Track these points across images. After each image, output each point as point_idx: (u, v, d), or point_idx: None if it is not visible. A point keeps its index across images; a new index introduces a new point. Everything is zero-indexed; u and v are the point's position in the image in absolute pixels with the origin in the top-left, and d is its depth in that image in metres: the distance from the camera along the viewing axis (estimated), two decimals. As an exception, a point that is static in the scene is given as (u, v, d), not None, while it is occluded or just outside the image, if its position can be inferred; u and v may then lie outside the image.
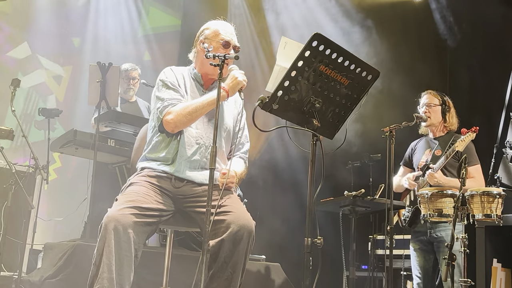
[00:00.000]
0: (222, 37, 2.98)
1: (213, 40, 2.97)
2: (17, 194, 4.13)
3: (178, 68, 3.06)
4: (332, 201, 4.44)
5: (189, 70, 3.07)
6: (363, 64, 2.66)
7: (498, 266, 4.49)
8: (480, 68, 6.22)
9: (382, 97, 6.09)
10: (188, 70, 3.07)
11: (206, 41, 2.97)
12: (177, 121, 2.82)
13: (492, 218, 3.50)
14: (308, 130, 2.59)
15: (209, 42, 2.96)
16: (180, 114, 2.81)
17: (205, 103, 2.83)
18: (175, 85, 2.93)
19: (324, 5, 7.39)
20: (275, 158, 7.89)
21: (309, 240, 2.48)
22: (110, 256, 2.51)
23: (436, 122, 4.17)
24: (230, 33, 3.02)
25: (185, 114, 2.81)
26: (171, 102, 2.86)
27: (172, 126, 2.84)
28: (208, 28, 3.04)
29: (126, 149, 4.94)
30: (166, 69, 3.01)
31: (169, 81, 2.93)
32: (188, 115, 2.82)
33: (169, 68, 3.02)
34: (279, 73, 3.38)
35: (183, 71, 3.04)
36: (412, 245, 4.09)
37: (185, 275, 3.93)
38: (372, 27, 7.05)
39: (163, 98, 2.88)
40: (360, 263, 6.36)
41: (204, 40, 2.99)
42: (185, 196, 2.84)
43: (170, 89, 2.91)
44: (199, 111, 2.83)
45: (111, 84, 4.88)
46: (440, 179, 3.88)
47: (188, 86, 2.99)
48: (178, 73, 3.00)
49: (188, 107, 2.83)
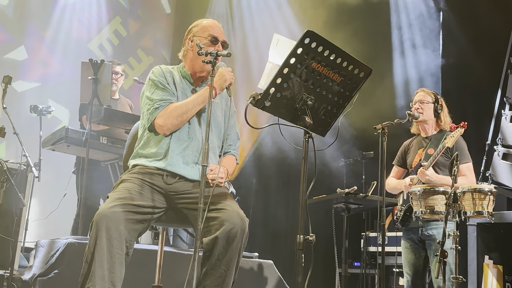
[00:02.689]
0: (210, 32, 3.00)
1: (202, 36, 2.99)
2: (8, 191, 4.11)
3: (167, 66, 3.06)
4: (325, 198, 4.45)
5: (178, 69, 3.07)
6: (355, 62, 2.66)
7: (489, 263, 4.52)
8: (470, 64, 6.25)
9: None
10: (178, 69, 3.07)
11: (195, 38, 2.99)
12: (168, 124, 2.84)
13: (483, 215, 3.52)
14: (301, 127, 2.59)
15: (197, 38, 2.98)
16: (170, 117, 2.83)
17: (194, 103, 2.86)
18: (164, 84, 2.93)
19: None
20: (267, 155, 7.89)
21: (302, 237, 2.49)
22: (101, 253, 2.50)
23: (428, 119, 4.17)
24: (218, 29, 3.04)
25: (175, 117, 2.84)
26: (161, 104, 2.87)
27: (164, 130, 2.86)
28: (196, 26, 3.06)
29: (118, 146, 4.93)
30: (155, 68, 3.02)
31: (158, 80, 2.94)
32: (179, 117, 2.84)
33: (158, 67, 3.03)
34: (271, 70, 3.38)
35: (172, 70, 3.05)
36: (404, 243, 4.10)
37: (177, 273, 3.93)
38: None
39: (152, 99, 2.89)
40: (352, 260, 6.38)
41: (193, 38, 3.01)
42: (177, 193, 2.84)
43: (159, 89, 2.92)
44: (189, 112, 2.86)
45: (103, 81, 4.86)
46: (431, 176, 3.89)
47: (178, 84, 3.00)
48: (167, 72, 3.00)
49: (178, 110, 2.84)
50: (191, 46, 3.01)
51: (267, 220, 7.87)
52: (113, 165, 5.16)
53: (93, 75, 4.81)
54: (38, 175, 4.40)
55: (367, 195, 4.23)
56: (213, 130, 2.99)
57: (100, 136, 4.93)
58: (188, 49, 3.04)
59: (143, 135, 2.96)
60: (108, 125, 4.99)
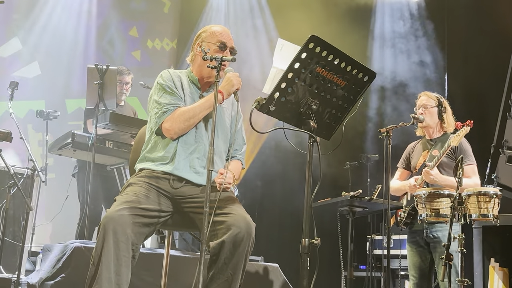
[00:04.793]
0: (219, 38, 3.01)
1: (210, 41, 3.01)
2: (15, 196, 4.13)
3: (175, 71, 3.08)
4: (330, 201, 4.45)
5: (186, 73, 3.09)
6: (359, 66, 2.68)
7: (495, 266, 4.51)
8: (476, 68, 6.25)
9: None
10: (186, 73, 3.09)
11: (203, 44, 3.01)
12: (176, 128, 2.86)
13: (488, 218, 3.52)
14: (305, 131, 2.61)
15: (206, 44, 2.99)
16: (177, 122, 2.85)
17: (201, 107, 2.88)
18: (172, 88, 2.95)
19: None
20: (272, 159, 7.90)
21: (307, 240, 2.50)
22: (108, 256, 2.52)
23: (432, 123, 4.18)
24: (226, 35, 3.05)
25: (182, 121, 2.86)
26: (169, 108, 2.89)
27: (171, 134, 2.88)
28: (205, 31, 3.08)
29: (124, 150, 4.95)
30: (164, 72, 3.03)
31: (166, 84, 2.95)
32: (186, 121, 2.86)
33: (166, 71, 3.04)
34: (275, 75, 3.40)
35: (180, 74, 3.06)
36: (409, 245, 4.09)
37: (184, 277, 3.95)
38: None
39: (160, 103, 2.91)
40: (358, 263, 6.38)
41: (201, 43, 3.03)
42: (184, 197, 2.86)
43: (167, 93, 2.93)
44: (196, 117, 2.88)
45: (109, 86, 4.89)
46: (436, 176, 3.89)
47: (186, 89, 3.01)
48: (176, 76, 3.02)
49: (185, 114, 2.86)
50: (199, 51, 3.01)
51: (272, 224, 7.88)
52: (119, 169, 5.19)
53: (98, 80, 4.84)
54: (45, 180, 4.43)
55: (372, 198, 4.23)
56: (220, 134, 3.01)
57: (106, 140, 4.96)
58: (196, 54, 3.05)
59: (150, 139, 2.98)
60: (113, 129, 5.01)
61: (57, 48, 7.45)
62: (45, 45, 7.41)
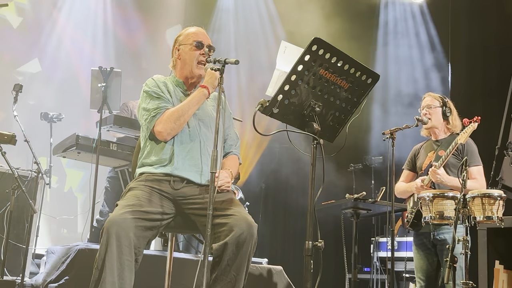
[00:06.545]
0: (194, 38, 3.07)
1: (186, 43, 3.07)
2: (19, 198, 4.14)
3: (160, 77, 3.13)
4: (334, 203, 4.45)
5: (171, 79, 3.14)
6: (363, 68, 2.67)
7: (500, 268, 4.48)
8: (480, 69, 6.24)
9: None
10: (170, 79, 3.14)
11: (181, 47, 3.08)
12: (168, 129, 2.88)
13: (493, 220, 3.50)
14: (309, 133, 2.60)
15: (183, 46, 3.07)
16: (168, 122, 2.88)
17: (189, 104, 2.92)
18: (158, 93, 2.98)
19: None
20: (276, 161, 7.90)
21: (310, 243, 2.49)
22: (111, 260, 2.53)
23: (437, 124, 4.16)
24: (202, 34, 3.11)
25: (173, 121, 2.88)
26: (157, 111, 2.92)
27: (164, 135, 2.89)
28: (181, 35, 3.15)
29: (128, 153, 4.96)
30: (149, 80, 3.08)
31: (152, 91, 2.99)
32: (177, 120, 2.88)
33: (151, 79, 3.09)
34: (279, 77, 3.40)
35: (165, 80, 3.11)
36: (415, 248, 4.07)
37: (187, 279, 3.95)
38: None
39: (148, 109, 2.94)
40: (362, 266, 6.36)
41: (179, 47, 3.09)
42: (185, 198, 2.86)
43: (154, 98, 2.97)
44: (186, 114, 2.91)
45: (112, 88, 4.90)
46: (442, 176, 3.87)
47: (172, 92, 3.05)
48: (161, 82, 3.06)
49: (174, 114, 2.89)
50: (178, 55, 3.09)
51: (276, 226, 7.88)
52: (123, 172, 5.19)
53: (102, 83, 4.85)
54: (49, 182, 4.44)
55: (376, 200, 4.22)
56: (211, 129, 3.03)
57: (110, 142, 4.97)
58: (176, 58, 3.12)
59: (145, 146, 3.01)
60: (118, 131, 5.02)
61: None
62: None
